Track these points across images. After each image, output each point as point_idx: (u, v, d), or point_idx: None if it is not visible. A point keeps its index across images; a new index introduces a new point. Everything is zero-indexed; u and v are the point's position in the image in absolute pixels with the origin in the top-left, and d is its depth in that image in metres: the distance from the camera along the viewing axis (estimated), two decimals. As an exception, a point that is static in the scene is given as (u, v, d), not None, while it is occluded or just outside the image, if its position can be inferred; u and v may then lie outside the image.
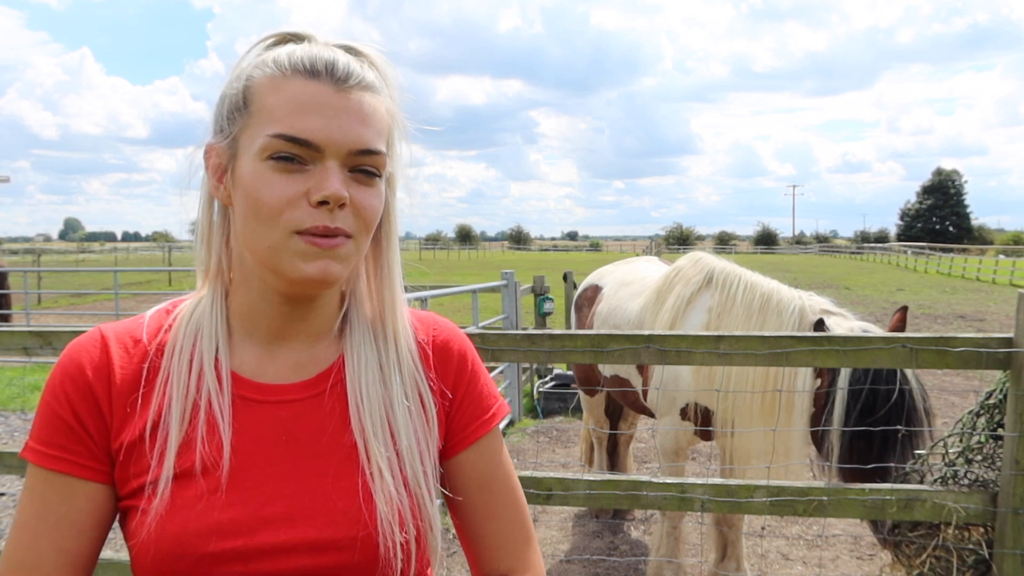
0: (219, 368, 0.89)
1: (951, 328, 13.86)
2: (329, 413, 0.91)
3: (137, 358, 0.89)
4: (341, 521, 0.86)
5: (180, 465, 0.84)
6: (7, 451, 2.77)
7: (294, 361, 0.92)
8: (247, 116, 0.85)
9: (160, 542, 0.82)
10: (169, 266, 29.64)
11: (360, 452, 0.89)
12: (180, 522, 0.82)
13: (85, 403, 0.86)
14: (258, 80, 0.85)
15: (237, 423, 0.87)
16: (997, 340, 2.31)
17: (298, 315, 0.91)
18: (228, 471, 0.85)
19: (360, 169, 0.85)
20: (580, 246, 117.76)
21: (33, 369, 9.46)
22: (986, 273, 29.37)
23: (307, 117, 0.82)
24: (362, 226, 0.86)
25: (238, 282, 0.91)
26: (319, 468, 0.88)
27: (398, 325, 0.95)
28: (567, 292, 8.67)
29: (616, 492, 2.56)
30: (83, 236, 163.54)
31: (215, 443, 0.85)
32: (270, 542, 0.83)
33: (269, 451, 0.87)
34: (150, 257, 48.74)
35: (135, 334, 0.91)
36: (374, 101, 0.87)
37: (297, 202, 0.82)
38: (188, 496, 0.83)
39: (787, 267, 37.99)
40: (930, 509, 2.37)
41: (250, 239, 0.85)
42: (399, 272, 0.96)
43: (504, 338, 2.50)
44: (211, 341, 0.90)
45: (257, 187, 0.82)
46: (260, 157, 0.83)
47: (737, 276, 3.43)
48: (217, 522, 0.82)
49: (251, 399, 0.89)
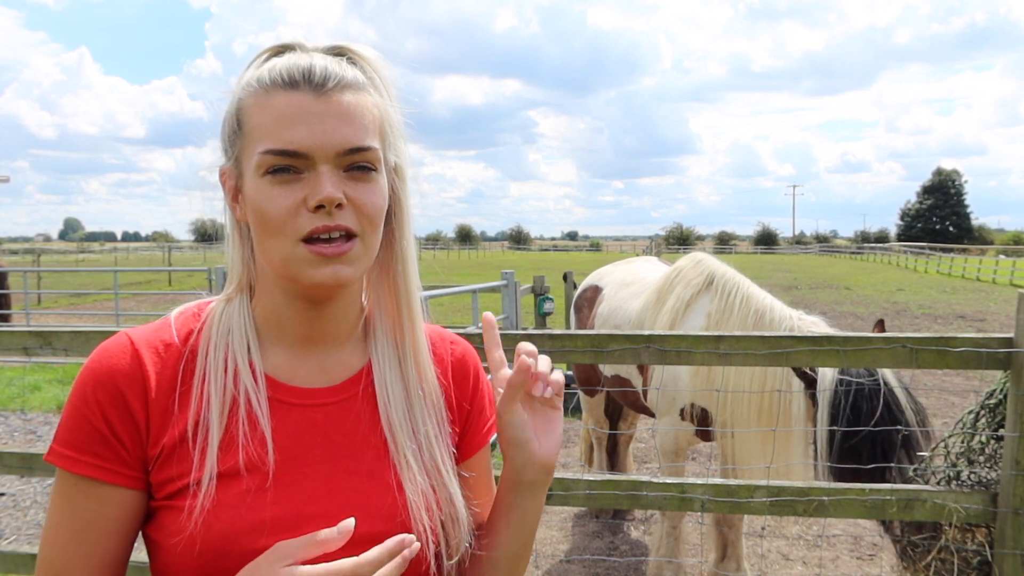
0: (254, 370, 0.91)
1: (951, 328, 13.87)
2: (360, 415, 0.94)
3: (172, 361, 0.90)
4: (376, 516, 0.89)
5: (223, 463, 0.86)
6: (7, 451, 2.77)
7: (323, 365, 0.95)
8: (243, 137, 0.88)
9: (207, 539, 0.83)
10: (169, 266, 29.64)
11: (390, 447, 0.93)
12: (228, 519, 0.84)
13: (117, 411, 0.86)
14: (246, 101, 0.88)
15: (274, 424, 0.90)
16: (997, 340, 2.31)
17: (323, 318, 0.94)
18: (274, 470, 0.87)
19: (355, 167, 0.87)
20: (580, 246, 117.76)
21: (33, 369, 9.45)
22: (986, 273, 29.37)
23: (291, 128, 0.84)
24: (366, 223, 0.88)
25: (263, 290, 0.94)
26: (353, 467, 0.91)
27: (415, 320, 0.98)
28: (567, 292, 8.67)
29: (616, 492, 2.56)
30: (83, 236, 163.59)
31: (258, 441, 0.88)
32: None
33: (306, 452, 0.90)
34: (150, 257, 48.76)
35: (165, 338, 0.92)
36: (358, 99, 0.88)
37: (297, 210, 0.85)
38: (234, 494, 0.85)
39: (787, 267, 38.00)
40: (930, 509, 2.37)
41: (264, 252, 0.89)
42: (414, 267, 0.98)
43: (504, 338, 2.50)
44: (242, 344, 0.92)
45: (260, 203, 0.86)
46: (258, 174, 0.86)
47: (736, 284, 3.44)
48: (262, 519, 0.85)
49: (286, 402, 0.92)
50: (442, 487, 0.95)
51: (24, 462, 2.72)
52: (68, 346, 2.63)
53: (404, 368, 0.97)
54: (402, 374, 0.97)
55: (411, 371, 0.97)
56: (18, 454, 2.74)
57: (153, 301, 18.07)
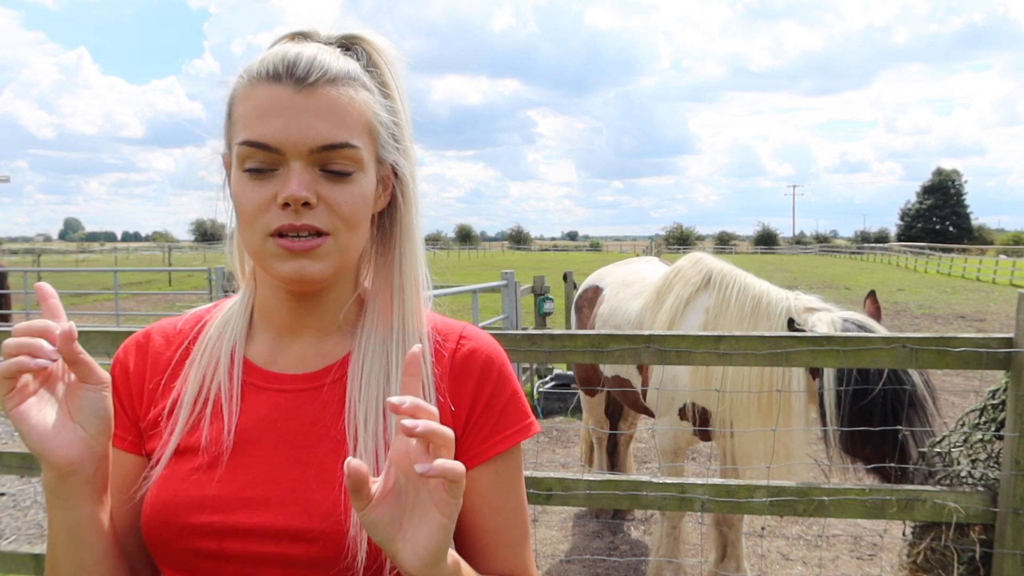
0: (234, 356, 0.96)
1: (951, 328, 13.87)
2: (325, 406, 0.92)
3: (174, 344, 0.98)
4: (314, 512, 0.86)
5: (184, 441, 0.91)
6: (7, 451, 2.77)
7: (302, 354, 0.96)
8: (232, 126, 0.89)
9: (151, 508, 0.89)
10: (169, 266, 29.63)
11: (348, 443, 0.89)
12: (171, 492, 0.89)
13: (125, 385, 0.97)
14: (237, 91, 0.89)
15: (242, 407, 0.93)
16: (997, 340, 2.31)
17: (304, 310, 0.94)
18: (227, 451, 0.90)
19: (331, 165, 0.85)
20: (580, 246, 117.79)
21: (33, 369, 9.44)
22: (986, 273, 29.37)
23: (267, 121, 0.84)
24: (339, 222, 0.86)
25: (260, 279, 0.97)
26: (305, 458, 0.89)
27: (407, 317, 0.94)
28: (567, 292, 8.68)
29: (616, 492, 2.56)
30: (83, 236, 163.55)
31: (218, 424, 0.91)
32: (243, 522, 0.86)
33: (262, 436, 0.91)
34: (150, 257, 48.76)
35: (181, 325, 1.01)
36: (342, 94, 0.86)
37: (268, 206, 0.85)
38: (184, 470, 0.90)
39: (787, 267, 38.01)
40: (930, 509, 2.37)
41: (244, 243, 0.91)
42: (415, 265, 0.95)
43: (504, 338, 2.50)
44: (232, 332, 0.97)
45: (237, 195, 0.88)
46: (240, 167, 0.86)
47: (733, 278, 3.45)
48: (202, 496, 0.88)
49: (257, 385, 0.94)
50: None
51: (24, 462, 2.72)
52: (68, 346, 2.63)
53: (392, 365, 0.92)
54: (387, 371, 0.92)
55: (398, 370, 0.91)
56: (18, 454, 2.74)
57: (153, 301, 18.09)
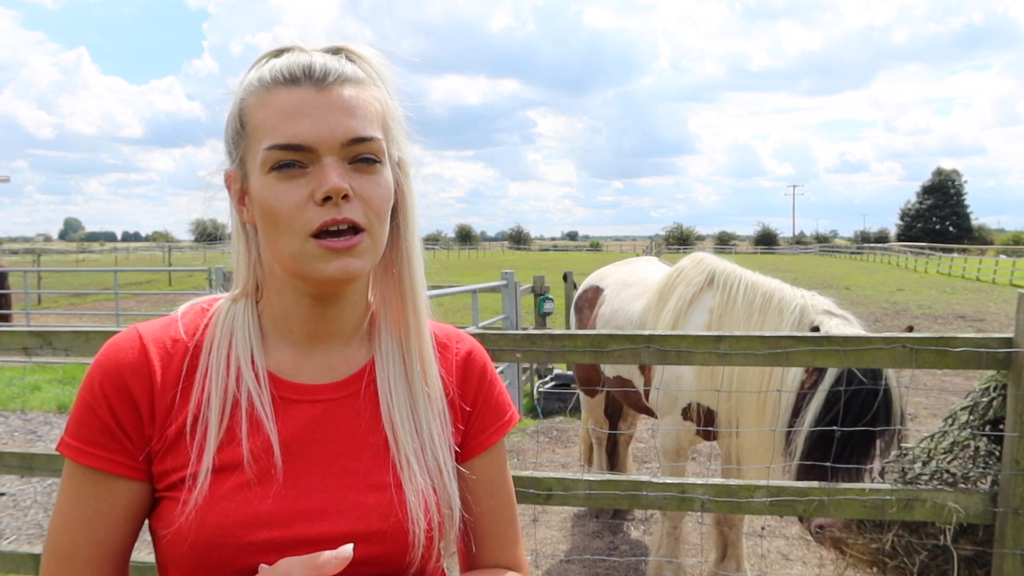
0: (256, 368, 0.93)
1: (951, 328, 13.86)
2: (361, 412, 0.95)
3: (177, 357, 0.92)
4: (372, 515, 0.90)
5: (221, 459, 0.88)
6: (7, 451, 2.77)
7: (328, 362, 0.96)
8: (246, 137, 0.90)
9: (201, 531, 0.85)
10: (169, 266, 29.64)
11: (390, 445, 0.94)
12: (222, 512, 0.86)
13: (123, 404, 0.89)
14: (247, 101, 0.90)
15: (277, 420, 0.91)
16: (997, 340, 2.31)
17: (330, 316, 0.95)
18: (278, 466, 0.89)
19: (360, 159, 0.88)
20: (580, 246, 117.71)
21: (33, 369, 9.45)
22: (986, 273, 29.36)
23: (295, 122, 0.85)
24: (373, 216, 0.89)
25: (272, 290, 0.95)
26: (350, 465, 0.92)
27: (420, 318, 0.98)
28: (567, 292, 8.67)
29: (616, 492, 2.56)
30: (83, 236, 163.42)
31: (261, 439, 0.90)
32: (304, 534, 0.87)
33: (304, 448, 0.91)
34: (150, 257, 48.74)
35: (173, 333, 0.94)
36: (359, 92, 0.89)
37: (305, 204, 0.85)
38: (227, 488, 0.87)
39: (787, 267, 37.98)
40: (930, 509, 2.37)
41: (274, 250, 0.89)
42: (419, 264, 0.98)
43: (504, 338, 2.50)
44: (246, 343, 0.94)
45: (267, 199, 0.86)
46: (263, 171, 0.87)
47: (738, 276, 3.43)
48: (257, 513, 0.86)
49: (288, 398, 0.93)
50: (443, 488, 0.95)
51: (24, 462, 2.72)
52: (68, 346, 2.63)
53: (408, 366, 0.97)
54: (406, 372, 0.97)
55: (415, 369, 0.97)
56: (18, 454, 2.74)
57: (153, 301, 18.06)
